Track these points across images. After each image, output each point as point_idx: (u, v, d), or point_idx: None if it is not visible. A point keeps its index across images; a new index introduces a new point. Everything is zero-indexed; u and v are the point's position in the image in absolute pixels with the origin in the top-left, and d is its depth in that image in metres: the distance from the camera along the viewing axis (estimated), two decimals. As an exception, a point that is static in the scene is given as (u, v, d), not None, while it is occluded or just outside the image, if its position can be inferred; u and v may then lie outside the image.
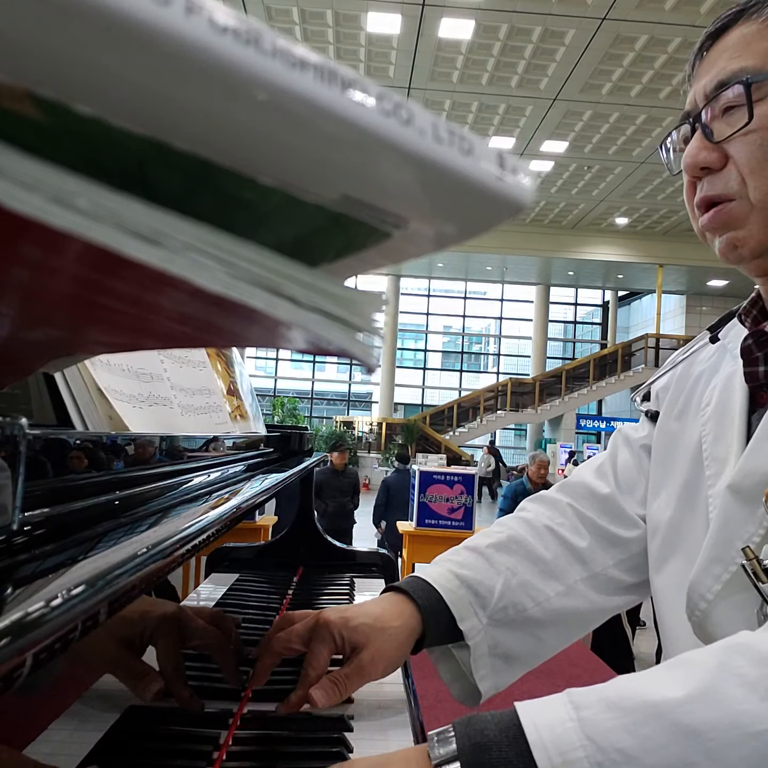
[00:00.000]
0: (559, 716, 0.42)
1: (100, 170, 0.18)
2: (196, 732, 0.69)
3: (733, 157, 0.66)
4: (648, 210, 15.40)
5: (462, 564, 0.80)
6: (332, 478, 6.03)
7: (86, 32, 0.14)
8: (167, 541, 0.45)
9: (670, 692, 0.41)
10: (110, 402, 0.65)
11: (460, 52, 9.82)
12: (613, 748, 0.39)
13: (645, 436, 0.87)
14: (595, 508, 0.86)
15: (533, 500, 0.92)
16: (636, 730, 0.40)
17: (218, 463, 0.93)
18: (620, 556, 0.84)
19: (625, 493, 0.86)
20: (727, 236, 0.67)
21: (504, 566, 0.80)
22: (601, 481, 0.88)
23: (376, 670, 0.70)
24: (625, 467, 0.88)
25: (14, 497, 0.33)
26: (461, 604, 0.76)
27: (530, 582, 0.80)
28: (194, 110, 0.17)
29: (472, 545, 0.84)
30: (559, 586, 0.81)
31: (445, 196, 0.22)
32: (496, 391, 19.03)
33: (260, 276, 0.21)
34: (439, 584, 0.77)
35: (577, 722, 0.41)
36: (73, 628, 0.31)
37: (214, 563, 1.42)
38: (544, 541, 0.84)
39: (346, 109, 0.18)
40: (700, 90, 0.69)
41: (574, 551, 0.84)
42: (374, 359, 0.24)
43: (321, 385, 24.03)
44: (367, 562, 1.45)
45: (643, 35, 9.09)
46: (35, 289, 0.23)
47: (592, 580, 0.83)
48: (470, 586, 0.77)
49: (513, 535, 0.84)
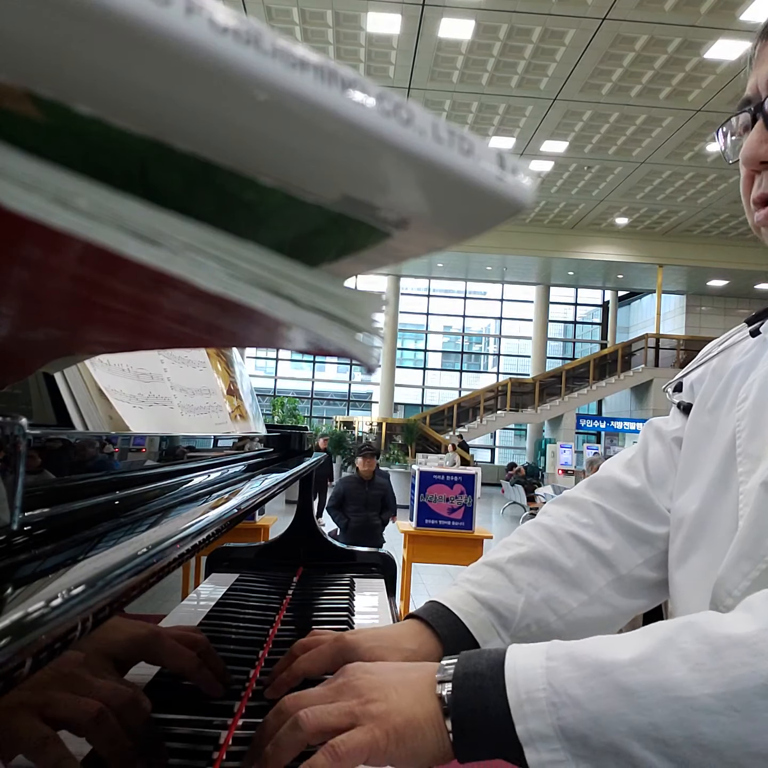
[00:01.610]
0: (533, 663, 0.51)
1: (100, 170, 0.18)
2: (197, 732, 0.69)
3: None
4: (648, 210, 15.40)
5: (482, 584, 0.79)
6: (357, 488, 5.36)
7: (86, 32, 0.14)
8: (167, 541, 0.45)
9: (619, 655, 0.49)
10: (110, 402, 0.65)
11: (460, 52, 9.81)
12: (566, 694, 0.48)
13: (677, 429, 0.85)
14: (624, 503, 0.85)
15: (556, 502, 0.90)
16: (585, 682, 0.48)
17: (218, 463, 0.93)
18: (649, 553, 0.83)
19: (656, 487, 0.84)
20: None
21: (525, 582, 0.79)
22: (632, 475, 0.86)
23: None
24: (657, 460, 0.86)
25: (14, 497, 0.34)
26: (483, 627, 0.75)
27: (553, 595, 0.79)
28: (194, 110, 0.17)
29: (493, 561, 0.82)
30: (583, 595, 0.81)
31: (445, 196, 0.22)
32: (496, 391, 19.03)
33: (260, 276, 0.21)
34: (458, 608, 0.76)
35: (545, 669, 0.50)
36: (73, 628, 0.31)
37: (214, 563, 1.42)
38: (566, 549, 0.82)
39: (346, 110, 0.18)
40: (763, 76, 0.64)
41: (599, 555, 0.82)
42: (374, 359, 0.24)
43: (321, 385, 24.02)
44: (367, 562, 1.45)
45: (643, 35, 9.08)
46: (35, 289, 0.23)
47: (618, 583, 0.82)
48: (492, 608, 0.76)
49: (534, 547, 0.83)
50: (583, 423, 18.92)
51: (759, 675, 0.45)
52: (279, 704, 0.57)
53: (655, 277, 17.57)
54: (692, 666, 0.47)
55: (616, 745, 0.46)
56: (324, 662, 0.70)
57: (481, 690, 0.51)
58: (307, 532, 1.47)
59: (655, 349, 17.94)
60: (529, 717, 0.49)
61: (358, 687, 0.55)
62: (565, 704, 0.48)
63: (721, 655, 0.46)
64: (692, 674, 0.46)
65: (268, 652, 0.89)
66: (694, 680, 0.46)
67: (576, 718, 0.47)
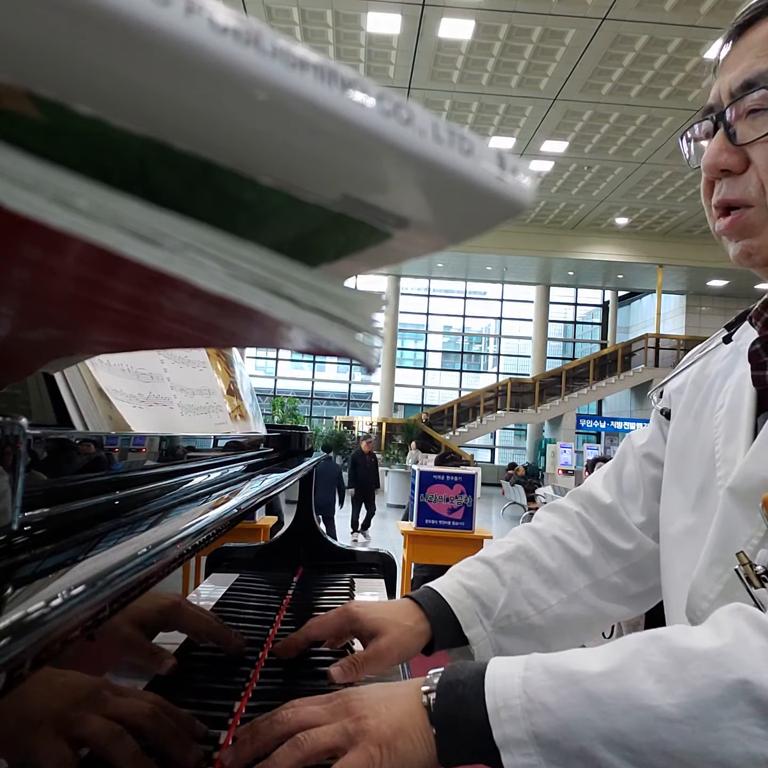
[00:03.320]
0: (512, 672, 0.54)
1: (100, 170, 0.18)
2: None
3: (755, 162, 0.64)
4: (648, 210, 15.40)
5: (471, 575, 0.86)
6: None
7: (86, 32, 0.14)
8: (167, 541, 0.45)
9: (590, 666, 0.52)
10: (110, 402, 0.65)
11: (460, 52, 9.81)
12: (539, 701, 0.51)
13: (646, 443, 0.90)
14: (598, 517, 0.91)
15: (547, 509, 0.97)
16: (557, 691, 0.51)
17: (218, 463, 0.93)
18: (622, 564, 0.88)
19: (627, 503, 0.89)
20: (742, 243, 0.67)
21: (510, 576, 0.86)
22: (606, 490, 0.92)
23: (392, 655, 0.77)
24: (629, 476, 0.91)
25: (14, 497, 0.34)
26: (467, 613, 0.82)
27: (533, 591, 0.85)
28: (194, 110, 0.17)
29: (483, 556, 0.89)
30: (562, 594, 0.86)
31: (445, 196, 0.22)
32: (496, 391, 19.02)
33: (260, 276, 0.21)
34: (447, 594, 0.83)
35: (521, 679, 0.53)
36: (73, 628, 0.31)
37: (214, 563, 1.42)
38: (550, 550, 0.89)
39: (346, 110, 0.18)
40: (725, 86, 0.66)
41: (578, 560, 0.88)
42: (374, 359, 0.24)
43: (321, 385, 24.01)
44: (366, 562, 1.45)
45: (643, 35, 9.09)
46: (35, 289, 0.23)
47: (597, 587, 0.88)
48: (477, 597, 0.83)
49: (521, 545, 0.89)
50: (583, 423, 18.92)
51: (718, 686, 0.47)
52: (275, 714, 0.60)
53: (655, 277, 17.57)
54: (657, 677, 0.49)
55: (584, 750, 0.49)
56: (331, 628, 0.79)
57: (462, 698, 0.55)
58: (307, 532, 1.47)
59: (655, 349, 17.94)
60: (505, 723, 0.51)
61: (350, 707, 0.58)
62: (538, 711, 0.51)
63: (684, 668, 0.49)
64: (657, 685, 0.49)
65: (268, 652, 0.89)
66: (658, 691, 0.48)
67: (548, 724, 0.50)
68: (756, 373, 0.70)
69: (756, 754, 0.46)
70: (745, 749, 0.46)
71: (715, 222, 0.69)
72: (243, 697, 0.77)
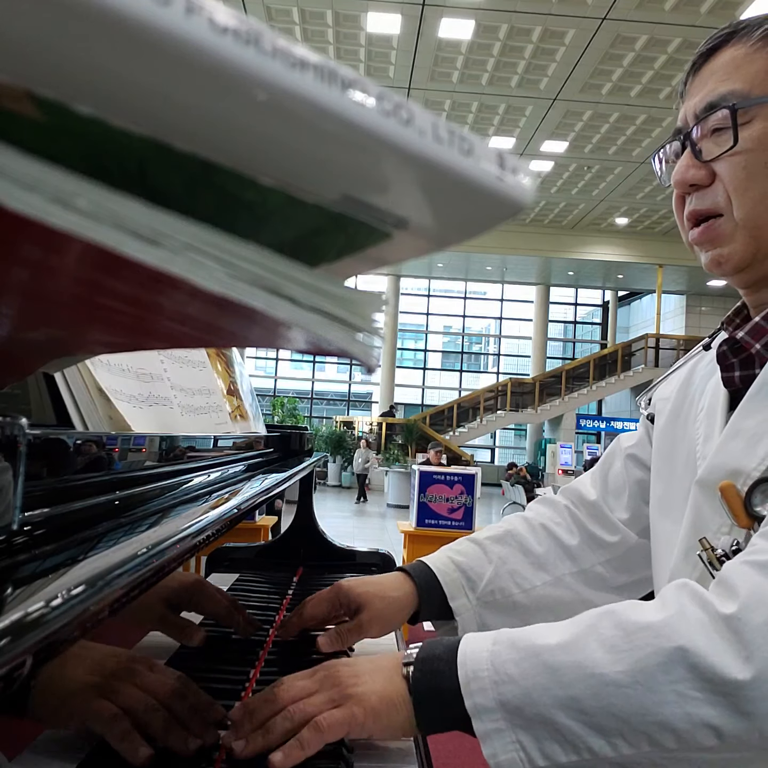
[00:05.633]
0: (481, 647, 0.60)
1: (100, 170, 0.18)
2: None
3: (720, 175, 0.71)
4: (648, 210, 15.39)
5: (459, 552, 0.93)
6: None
7: (86, 32, 0.14)
8: (167, 541, 0.45)
9: (549, 639, 0.58)
10: (110, 402, 0.65)
11: (460, 52, 9.81)
12: (504, 672, 0.57)
13: (633, 445, 0.96)
14: (584, 511, 0.97)
15: (539, 501, 1.03)
16: (520, 663, 0.57)
17: (218, 463, 0.93)
18: (606, 556, 0.94)
19: (611, 500, 0.96)
20: (712, 253, 0.73)
21: (497, 556, 0.92)
22: (592, 488, 0.98)
23: (372, 629, 0.84)
24: (615, 476, 0.97)
25: (14, 497, 0.34)
26: (454, 585, 0.89)
27: (518, 571, 0.91)
28: (194, 110, 0.17)
29: (473, 537, 0.96)
30: (547, 576, 0.92)
31: (445, 196, 0.22)
32: (496, 391, 19.01)
33: (260, 276, 0.21)
34: (436, 567, 0.90)
35: (489, 653, 0.59)
36: (72, 628, 0.31)
37: (214, 563, 1.42)
38: (538, 536, 0.95)
39: (346, 110, 0.18)
40: (690, 109, 0.74)
41: (564, 548, 0.94)
42: (374, 359, 0.24)
43: (321, 385, 24.00)
44: (366, 561, 1.45)
45: (643, 35, 9.08)
46: (35, 289, 0.23)
47: (582, 575, 0.93)
48: (463, 571, 0.90)
49: (510, 530, 0.96)
50: (583, 423, 18.92)
51: (660, 654, 0.53)
52: (266, 693, 0.64)
53: (655, 277, 17.56)
54: (607, 648, 0.55)
55: (544, 715, 0.55)
56: (325, 604, 0.86)
57: (438, 671, 0.61)
58: (307, 532, 1.47)
59: (655, 349, 17.93)
60: (475, 693, 0.58)
61: (337, 677, 0.64)
62: (504, 681, 0.57)
63: (631, 638, 0.55)
64: (607, 655, 0.55)
65: (268, 652, 0.89)
66: (608, 660, 0.55)
67: (512, 693, 0.56)
68: (726, 375, 0.75)
69: (693, 714, 0.51)
70: (684, 710, 0.52)
71: (688, 233, 0.75)
72: (243, 697, 0.77)
